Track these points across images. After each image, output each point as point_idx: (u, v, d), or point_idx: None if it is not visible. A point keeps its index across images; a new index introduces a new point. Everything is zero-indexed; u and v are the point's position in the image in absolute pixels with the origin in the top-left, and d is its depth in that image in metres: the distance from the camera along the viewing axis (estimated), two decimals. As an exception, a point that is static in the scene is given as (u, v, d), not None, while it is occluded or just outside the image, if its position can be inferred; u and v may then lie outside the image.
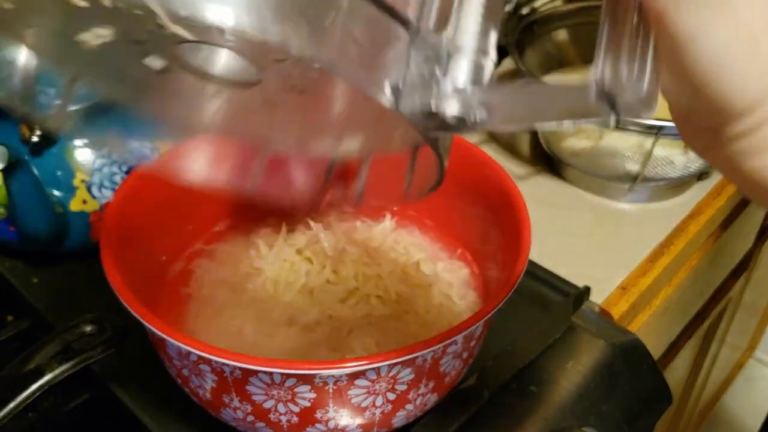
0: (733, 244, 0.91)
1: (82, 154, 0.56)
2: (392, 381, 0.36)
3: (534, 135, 0.79)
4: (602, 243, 0.66)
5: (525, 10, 0.75)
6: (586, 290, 0.58)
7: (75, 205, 0.56)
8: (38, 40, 0.25)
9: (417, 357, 0.35)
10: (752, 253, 1.04)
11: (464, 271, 0.53)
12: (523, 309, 0.56)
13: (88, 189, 0.56)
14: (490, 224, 0.50)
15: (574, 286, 0.58)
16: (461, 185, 0.51)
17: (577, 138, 0.68)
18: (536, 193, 0.72)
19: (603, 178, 0.70)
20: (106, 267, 0.40)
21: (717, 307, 0.99)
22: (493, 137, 0.79)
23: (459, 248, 0.54)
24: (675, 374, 0.97)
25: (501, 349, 0.51)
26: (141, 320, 0.37)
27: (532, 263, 0.61)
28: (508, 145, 0.79)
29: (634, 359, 0.57)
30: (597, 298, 0.61)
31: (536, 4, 0.77)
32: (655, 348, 0.82)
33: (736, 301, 1.10)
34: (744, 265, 1.03)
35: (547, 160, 0.76)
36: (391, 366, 0.35)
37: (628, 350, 0.57)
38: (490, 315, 0.37)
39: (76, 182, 0.56)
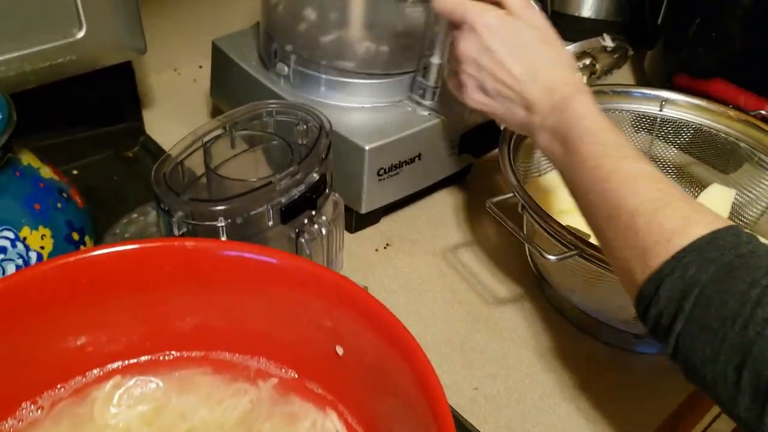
0: None
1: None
2: None
3: (523, 251, 0.63)
4: (602, 405, 0.51)
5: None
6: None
7: None
8: None
9: None
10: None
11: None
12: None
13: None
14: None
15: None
16: (375, 369, 0.37)
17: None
18: (522, 327, 0.57)
19: (605, 321, 0.55)
20: None
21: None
22: (484, 256, 0.64)
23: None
24: None
25: None
26: None
27: None
28: (497, 260, 0.64)
29: None
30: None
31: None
32: None
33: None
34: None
35: (539, 286, 0.60)
36: None
37: None
38: None
39: None
